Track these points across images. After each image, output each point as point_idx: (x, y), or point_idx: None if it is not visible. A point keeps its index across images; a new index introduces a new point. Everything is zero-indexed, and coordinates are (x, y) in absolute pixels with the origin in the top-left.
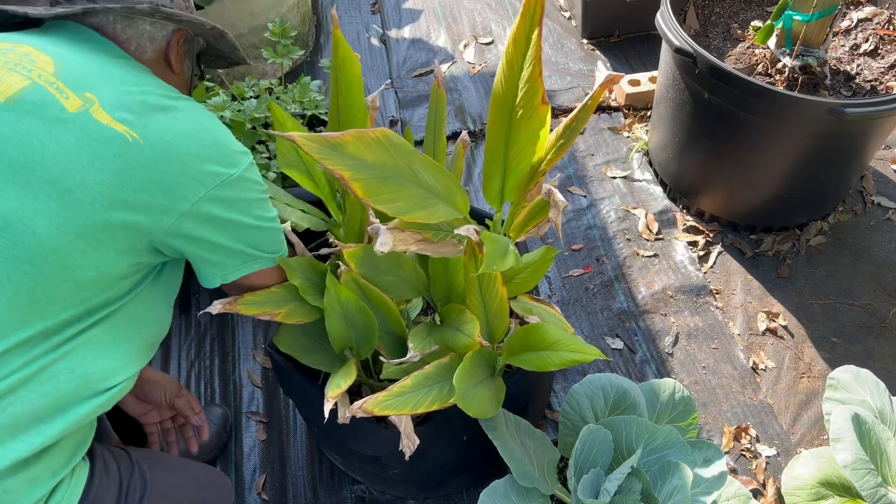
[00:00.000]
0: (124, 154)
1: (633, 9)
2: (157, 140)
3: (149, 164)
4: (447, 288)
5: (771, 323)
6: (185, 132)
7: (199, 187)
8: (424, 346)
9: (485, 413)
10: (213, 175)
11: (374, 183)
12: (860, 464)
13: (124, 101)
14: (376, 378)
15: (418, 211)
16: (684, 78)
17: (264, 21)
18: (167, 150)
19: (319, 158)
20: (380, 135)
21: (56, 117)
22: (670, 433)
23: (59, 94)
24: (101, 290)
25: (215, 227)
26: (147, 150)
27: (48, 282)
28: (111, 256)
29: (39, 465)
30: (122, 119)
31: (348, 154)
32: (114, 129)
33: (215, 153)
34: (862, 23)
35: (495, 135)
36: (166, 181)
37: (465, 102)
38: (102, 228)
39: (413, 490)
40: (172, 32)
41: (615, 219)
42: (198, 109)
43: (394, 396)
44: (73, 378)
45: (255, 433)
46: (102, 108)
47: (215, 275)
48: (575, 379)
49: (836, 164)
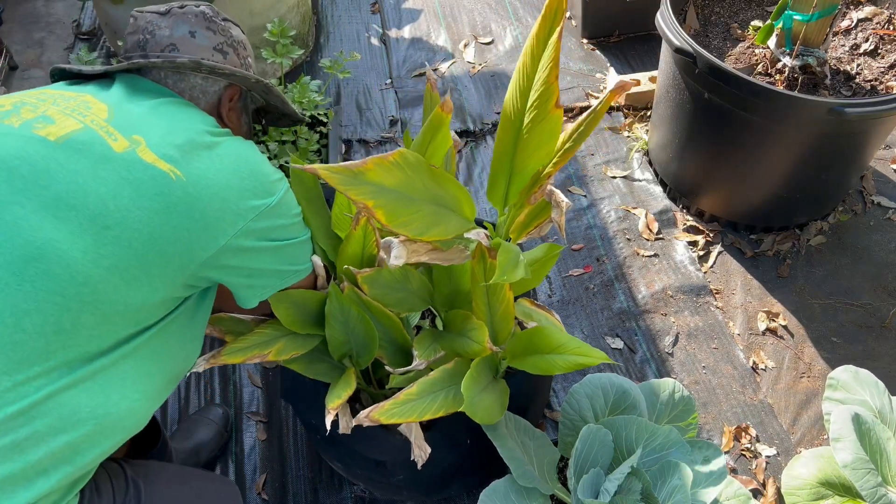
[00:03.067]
0: (166, 192)
1: (633, 9)
2: (200, 177)
3: (191, 200)
4: (451, 293)
5: (771, 323)
6: (226, 168)
7: (238, 220)
8: (429, 353)
9: (491, 418)
10: (251, 209)
11: (394, 207)
12: (860, 463)
13: (171, 141)
14: (376, 386)
15: (433, 228)
16: (684, 78)
17: (264, 21)
18: (209, 185)
19: (344, 189)
20: (397, 157)
21: (103, 156)
22: (670, 433)
23: (107, 136)
24: (129, 323)
25: (252, 255)
26: (189, 188)
27: (76, 313)
28: (144, 291)
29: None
30: (167, 157)
31: (369, 181)
32: (158, 168)
33: (253, 185)
34: (862, 22)
35: (506, 136)
36: (207, 217)
37: (465, 102)
38: (138, 265)
39: (416, 494)
40: (224, 88)
41: (615, 218)
42: (239, 142)
43: (400, 404)
44: (94, 416)
45: (255, 433)
46: (149, 148)
47: (252, 296)
48: (575, 379)
49: (836, 163)
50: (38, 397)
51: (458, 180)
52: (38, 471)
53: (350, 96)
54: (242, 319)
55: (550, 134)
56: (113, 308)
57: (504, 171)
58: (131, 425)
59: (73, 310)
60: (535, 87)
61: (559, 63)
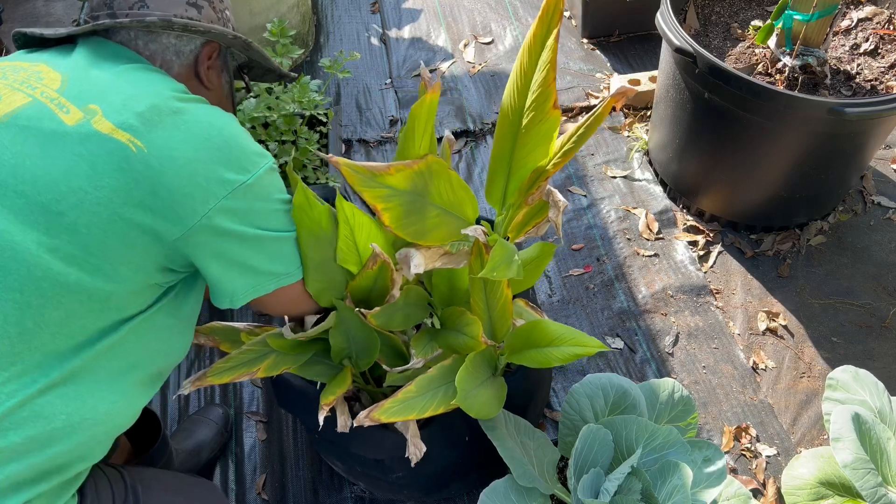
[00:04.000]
0: (125, 167)
1: (633, 8)
2: (164, 147)
3: (154, 175)
4: (449, 290)
5: (771, 323)
6: (194, 136)
7: (210, 197)
8: (427, 351)
9: (487, 413)
10: (224, 183)
11: (401, 211)
12: (860, 463)
13: (131, 108)
14: (374, 384)
15: (432, 232)
16: (684, 77)
17: (264, 20)
18: (174, 157)
19: (360, 189)
20: (423, 166)
21: (53, 132)
22: (670, 433)
23: (58, 109)
24: (100, 317)
25: (227, 241)
26: (152, 160)
27: (38, 310)
28: (110, 282)
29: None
30: (126, 126)
31: (387, 184)
32: (115, 140)
33: (228, 157)
34: (862, 22)
35: (503, 136)
36: (173, 193)
37: (465, 102)
38: (100, 253)
39: (416, 493)
40: (201, 46)
41: (615, 218)
42: (212, 110)
43: (399, 402)
44: (70, 423)
45: (255, 433)
46: (105, 117)
47: (225, 294)
48: (575, 378)
49: (836, 163)
50: (10, 405)
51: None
52: (17, 482)
53: (350, 96)
54: (237, 328)
55: (548, 135)
56: (77, 302)
57: (502, 172)
58: (114, 426)
59: (34, 306)
60: (532, 88)
61: (557, 64)
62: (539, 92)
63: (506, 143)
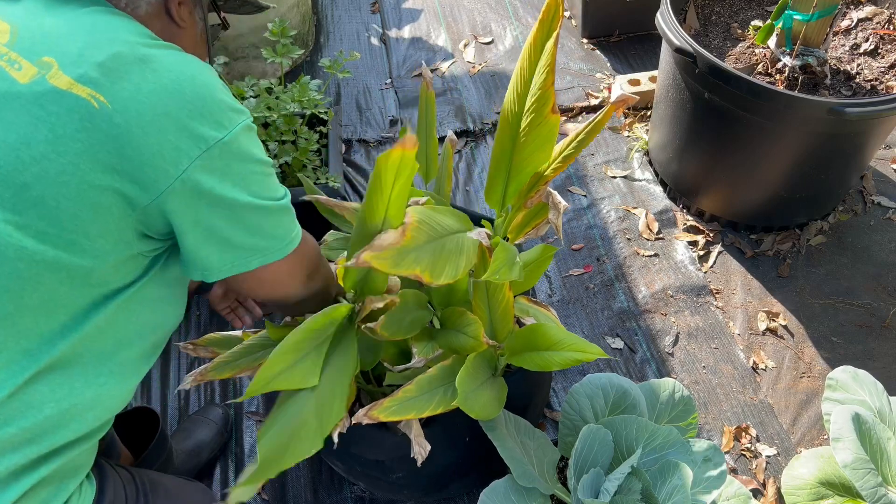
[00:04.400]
0: (88, 126)
1: (633, 8)
2: (130, 101)
3: (119, 133)
4: (448, 292)
5: (771, 323)
6: (163, 88)
7: (182, 157)
8: (428, 350)
9: (488, 414)
10: (198, 139)
11: (430, 262)
12: (860, 463)
13: (90, 57)
14: (375, 384)
15: (459, 269)
16: (684, 77)
17: (264, 20)
18: (141, 112)
19: (394, 271)
20: (416, 220)
21: (5, 93)
22: (670, 433)
23: (10, 66)
24: (83, 295)
25: (205, 209)
26: (117, 117)
27: (17, 294)
28: (88, 257)
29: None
30: (85, 79)
31: (412, 248)
32: (75, 96)
33: (201, 110)
34: (862, 22)
35: (504, 139)
36: (142, 153)
37: (465, 102)
38: (73, 227)
39: (416, 493)
40: None
41: (615, 218)
42: (182, 58)
43: (398, 402)
44: (60, 410)
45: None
46: (62, 70)
47: (194, 269)
48: (575, 379)
49: (836, 163)
50: (1, 397)
51: (458, 179)
52: (16, 470)
53: (350, 96)
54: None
55: (547, 138)
56: (57, 281)
57: (502, 174)
58: (107, 409)
59: (12, 290)
60: (531, 91)
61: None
62: (538, 95)
63: (506, 145)
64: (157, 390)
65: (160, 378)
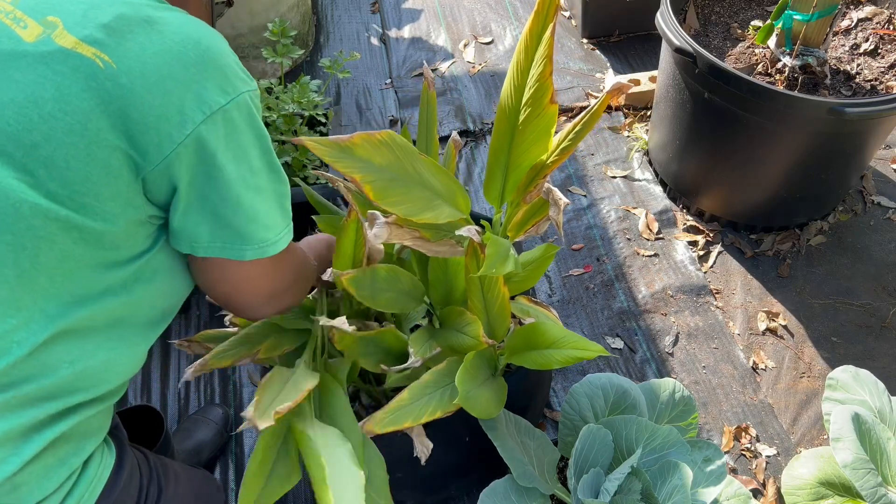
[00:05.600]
0: (94, 86)
1: (633, 8)
2: (135, 62)
3: (124, 94)
4: (446, 291)
5: (771, 323)
6: (168, 50)
7: (187, 122)
8: (425, 350)
9: (489, 413)
10: (202, 104)
11: (384, 185)
12: (860, 463)
13: (95, 18)
14: (375, 384)
15: (426, 213)
16: (684, 77)
17: (264, 20)
18: (146, 74)
19: (331, 161)
20: (385, 136)
21: (12, 52)
22: (670, 433)
23: (15, 25)
24: (97, 258)
25: (203, 173)
26: (122, 77)
27: (33, 252)
28: (102, 220)
29: (49, 456)
30: (90, 39)
31: (357, 156)
32: (80, 55)
33: (205, 74)
34: (862, 22)
35: (501, 132)
36: (146, 116)
37: (465, 102)
38: (84, 190)
39: (416, 493)
40: None
41: (615, 218)
42: (189, 20)
43: (392, 412)
44: (75, 371)
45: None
46: (66, 30)
47: (183, 240)
48: (575, 379)
49: (836, 163)
50: (21, 354)
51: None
52: (35, 424)
53: (350, 96)
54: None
55: (546, 130)
56: (71, 241)
57: (500, 168)
58: (118, 373)
59: (28, 248)
60: (529, 83)
61: (556, 63)
62: (536, 87)
63: (503, 139)
64: (157, 390)
65: (160, 378)
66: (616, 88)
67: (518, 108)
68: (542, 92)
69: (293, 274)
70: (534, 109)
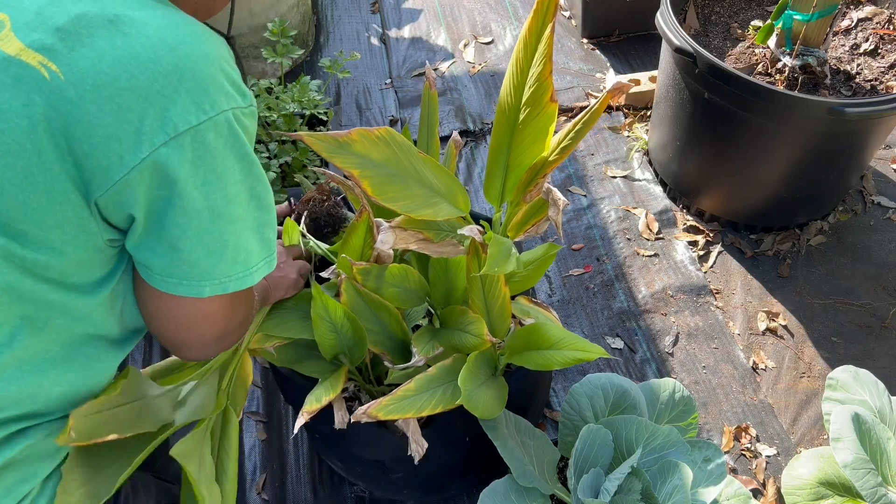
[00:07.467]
0: (36, 100)
1: (633, 8)
2: (88, 71)
3: (71, 109)
4: (446, 290)
5: (771, 323)
6: (132, 56)
7: (144, 143)
8: (428, 349)
9: (490, 413)
10: (166, 123)
11: (381, 181)
12: (860, 463)
13: (49, 17)
14: (375, 383)
15: (424, 209)
16: (684, 77)
17: (264, 20)
18: (99, 85)
19: (329, 156)
20: (384, 132)
21: None
22: (670, 433)
23: None
24: (44, 289)
25: (161, 206)
26: (70, 90)
27: None
28: (44, 249)
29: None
30: (38, 45)
31: (355, 152)
32: (24, 63)
33: (177, 88)
34: (862, 22)
35: (501, 131)
36: (92, 136)
37: (465, 102)
38: (23, 218)
39: (416, 493)
40: None
41: (615, 218)
42: (171, 21)
43: (398, 400)
44: (21, 390)
45: (255, 433)
46: (13, 32)
47: (137, 263)
48: (575, 378)
49: (836, 163)
50: None
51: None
52: None
53: (350, 96)
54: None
55: (545, 129)
56: (9, 269)
57: (500, 167)
58: (71, 396)
59: None
60: (529, 82)
61: (556, 63)
62: (536, 86)
63: (503, 138)
64: None
65: None
66: (616, 88)
67: (518, 107)
68: (541, 91)
69: (248, 309)
70: (533, 108)
